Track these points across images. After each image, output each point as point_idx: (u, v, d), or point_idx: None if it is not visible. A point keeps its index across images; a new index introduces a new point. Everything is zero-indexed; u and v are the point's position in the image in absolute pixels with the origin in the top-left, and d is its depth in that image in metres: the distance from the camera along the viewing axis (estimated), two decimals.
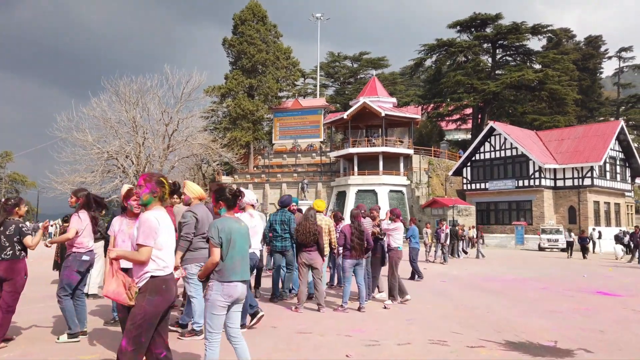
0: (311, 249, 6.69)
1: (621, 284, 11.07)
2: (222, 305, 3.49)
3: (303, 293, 6.81)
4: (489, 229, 35.50)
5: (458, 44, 47.48)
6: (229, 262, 3.53)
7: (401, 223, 7.84)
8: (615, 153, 34.19)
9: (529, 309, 7.16)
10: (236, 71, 51.82)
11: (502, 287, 9.83)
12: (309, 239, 6.61)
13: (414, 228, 11.87)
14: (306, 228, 6.64)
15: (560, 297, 8.57)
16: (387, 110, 40.82)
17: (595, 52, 62.92)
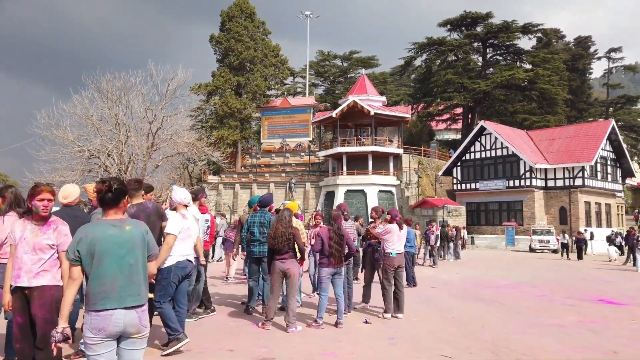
0: (285, 256, 5.83)
1: (622, 290, 10.39)
2: (93, 343, 2.58)
3: (272, 308, 5.93)
4: (480, 229, 34.96)
5: (448, 42, 46.95)
6: (95, 284, 2.63)
7: (395, 225, 6.84)
8: (606, 153, 33.81)
9: (528, 322, 6.40)
10: (223, 68, 50.87)
11: (496, 295, 9.07)
12: (282, 244, 5.75)
13: (408, 230, 10.98)
14: (279, 232, 5.79)
15: (560, 306, 7.83)
16: (377, 109, 40.10)
17: (584, 52, 62.83)
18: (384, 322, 6.38)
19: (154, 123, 34.27)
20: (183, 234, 4.77)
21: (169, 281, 4.73)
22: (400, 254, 6.67)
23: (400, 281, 6.73)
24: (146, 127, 34.14)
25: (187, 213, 4.96)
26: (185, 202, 5.04)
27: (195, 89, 48.04)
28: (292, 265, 5.86)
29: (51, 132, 32.12)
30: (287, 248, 5.81)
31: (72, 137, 32.20)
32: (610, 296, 9.13)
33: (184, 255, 4.83)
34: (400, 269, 6.76)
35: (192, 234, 4.95)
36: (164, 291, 4.73)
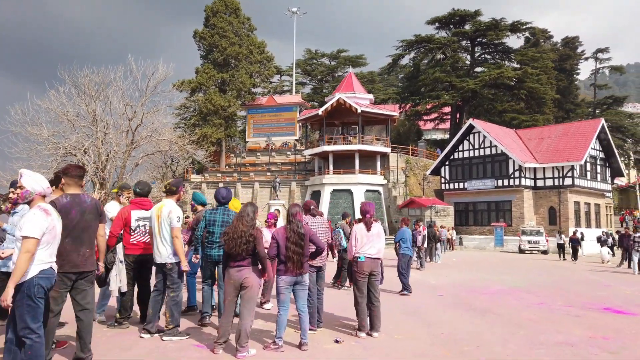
0: (243, 262, 4.76)
1: (626, 297, 9.55)
2: None
3: (225, 329, 4.82)
4: (468, 230, 34.25)
5: (437, 40, 46.29)
6: None
7: (361, 224, 5.79)
8: (596, 152, 33.32)
9: (531, 340, 5.44)
10: (207, 65, 49.60)
11: (490, 303, 8.14)
12: (240, 247, 4.70)
13: (404, 230, 9.81)
14: (238, 231, 4.73)
15: (563, 317, 6.91)
16: (364, 106, 39.22)
17: (572, 53, 62.82)
18: (359, 341, 5.36)
19: (134, 120, 33.07)
20: (48, 235, 3.55)
21: (34, 298, 3.51)
22: (372, 259, 5.57)
23: (375, 292, 5.64)
24: (125, 124, 32.96)
25: (50, 208, 3.71)
26: (44, 192, 3.81)
27: (178, 86, 46.72)
28: (251, 275, 4.77)
29: (25, 129, 30.85)
30: (246, 253, 4.73)
31: (47, 133, 30.92)
32: (615, 304, 8.26)
33: (48, 263, 3.64)
34: (374, 276, 5.63)
35: (58, 233, 3.78)
36: (33, 313, 3.51)
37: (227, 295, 4.80)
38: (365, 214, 5.70)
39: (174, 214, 5.31)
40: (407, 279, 9.31)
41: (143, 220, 5.67)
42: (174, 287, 5.34)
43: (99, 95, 32.02)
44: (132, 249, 5.65)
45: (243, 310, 4.72)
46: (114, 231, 5.52)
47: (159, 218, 5.32)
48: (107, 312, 6.17)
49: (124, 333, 5.34)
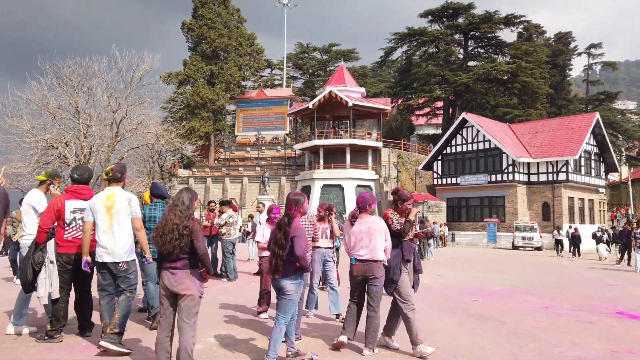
0: (177, 264, 3.76)
1: (635, 298, 8.81)
2: None
3: (163, 348, 3.81)
4: (460, 225, 33.63)
5: (429, 33, 45.53)
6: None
7: (347, 221, 5.00)
8: (590, 147, 32.79)
9: (543, 354, 4.56)
10: (195, 57, 48.49)
11: (490, 307, 7.34)
12: (170, 244, 3.71)
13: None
14: (169, 225, 3.76)
15: (575, 324, 6.13)
16: (355, 100, 38.38)
17: (565, 48, 62.29)
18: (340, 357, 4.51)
19: (118, 112, 32.07)
20: None
21: None
22: (363, 262, 4.66)
23: (372, 302, 4.67)
24: (110, 117, 31.96)
25: None
26: None
27: (165, 78, 45.55)
28: (188, 279, 3.77)
29: (4, 121, 29.78)
30: (180, 251, 3.74)
31: (28, 126, 29.82)
32: (628, 307, 7.50)
33: None
34: (371, 282, 4.66)
35: None
36: None
37: (162, 305, 3.89)
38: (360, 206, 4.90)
39: (135, 202, 4.63)
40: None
41: (80, 212, 4.75)
42: (130, 289, 4.59)
43: (82, 86, 30.99)
44: (66, 247, 4.72)
45: (181, 325, 3.75)
46: (43, 225, 4.60)
47: (110, 209, 4.51)
48: (37, 322, 5.28)
49: (55, 348, 4.46)
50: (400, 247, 4.76)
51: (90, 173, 5.24)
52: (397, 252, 4.75)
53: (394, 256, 4.75)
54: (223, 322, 5.86)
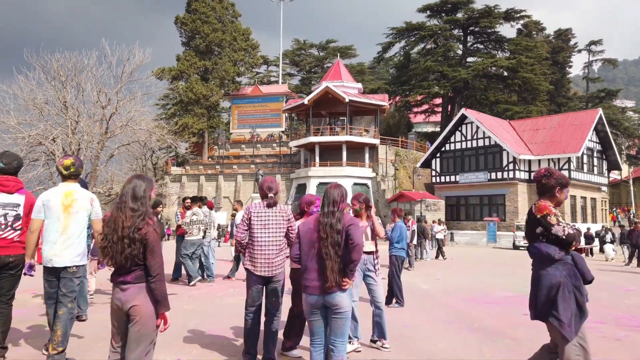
0: (128, 277, 2.83)
1: None
2: None
3: None
4: (460, 225, 32.75)
5: (428, 28, 44.61)
6: None
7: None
8: (593, 144, 31.93)
9: None
10: (189, 52, 47.50)
11: (498, 319, 6.40)
12: (121, 255, 2.81)
13: (398, 225, 7.42)
14: (119, 228, 2.83)
15: (601, 341, 5.22)
16: (352, 96, 37.44)
17: (564, 45, 61.47)
18: None
19: (108, 108, 31.14)
20: None
21: None
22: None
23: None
24: (99, 113, 31.06)
25: None
26: None
27: (157, 73, 44.56)
28: (140, 298, 2.83)
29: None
30: (132, 263, 2.82)
31: (14, 121, 28.86)
32: None
33: None
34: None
35: None
36: None
37: (112, 328, 2.97)
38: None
39: (97, 202, 4.09)
40: (399, 288, 7.30)
41: (4, 207, 3.89)
42: (71, 297, 3.89)
43: (71, 81, 30.10)
44: None
45: (129, 356, 2.81)
46: None
47: (69, 208, 3.88)
48: None
49: None
50: (570, 262, 3.13)
51: (20, 162, 4.36)
52: (570, 270, 3.11)
53: (564, 277, 3.10)
54: (185, 343, 4.91)
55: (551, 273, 3.07)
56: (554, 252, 3.08)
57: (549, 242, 3.11)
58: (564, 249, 3.09)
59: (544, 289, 3.10)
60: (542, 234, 3.16)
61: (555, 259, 3.10)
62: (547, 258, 3.10)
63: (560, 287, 2.99)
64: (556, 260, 3.10)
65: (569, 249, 3.10)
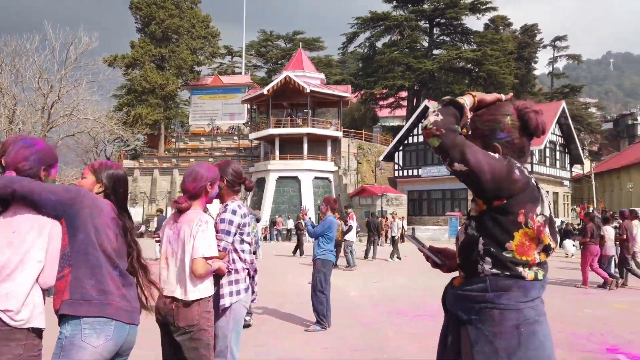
0: None
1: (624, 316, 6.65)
2: None
3: None
4: (422, 220, 31.74)
5: (393, 18, 43.46)
6: None
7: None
8: (556, 137, 31.39)
9: None
10: (144, 39, 44.93)
11: (420, 344, 4.93)
12: None
13: (328, 219, 5.93)
14: None
15: None
16: (314, 86, 35.86)
17: (530, 41, 61.50)
18: None
19: (50, 95, 28.73)
20: None
21: None
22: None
23: None
24: (41, 101, 28.63)
25: None
26: None
27: (110, 61, 41.91)
28: None
29: None
30: None
31: None
32: (621, 337, 5.27)
33: None
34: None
35: None
36: None
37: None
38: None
39: None
40: (328, 307, 5.63)
41: None
42: None
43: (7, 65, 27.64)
44: None
45: None
46: None
47: None
48: None
49: None
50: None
51: None
52: None
53: None
54: None
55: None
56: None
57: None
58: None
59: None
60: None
61: None
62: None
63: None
64: None
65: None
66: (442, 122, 1.54)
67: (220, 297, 2.49)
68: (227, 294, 2.53)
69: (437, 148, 1.57)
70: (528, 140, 1.75)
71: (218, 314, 2.47)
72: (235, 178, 2.84)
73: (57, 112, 29.42)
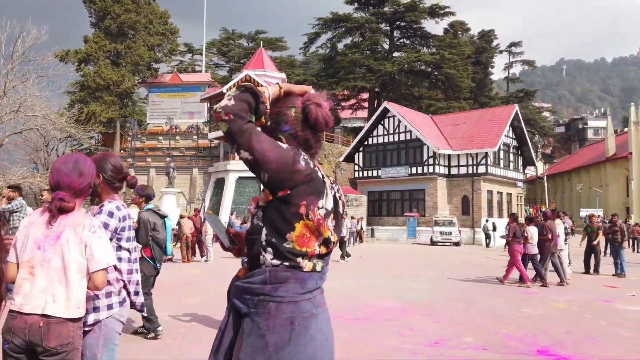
0: None
1: (562, 316, 6.77)
2: None
3: None
4: (381, 220, 31.97)
5: (354, 19, 43.72)
6: None
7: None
8: (509, 140, 32.32)
9: None
10: (98, 33, 43.30)
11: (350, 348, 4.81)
12: None
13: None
14: None
15: None
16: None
17: (487, 46, 63.37)
18: None
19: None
20: None
21: None
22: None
23: None
24: None
25: None
26: None
27: (61, 55, 40.14)
28: None
29: None
30: None
31: None
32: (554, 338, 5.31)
33: None
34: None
35: None
36: None
37: None
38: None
39: None
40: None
41: None
42: None
43: None
44: None
45: None
46: None
47: None
48: None
49: None
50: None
51: None
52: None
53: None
54: None
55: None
56: None
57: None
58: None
59: None
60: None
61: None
62: None
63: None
64: None
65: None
66: (232, 108, 1.52)
67: (90, 311, 2.23)
68: (98, 308, 2.28)
69: (226, 133, 1.56)
70: (312, 133, 1.70)
71: (85, 330, 2.20)
72: (114, 174, 2.56)
73: (2, 108, 27.92)
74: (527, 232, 9.99)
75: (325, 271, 1.69)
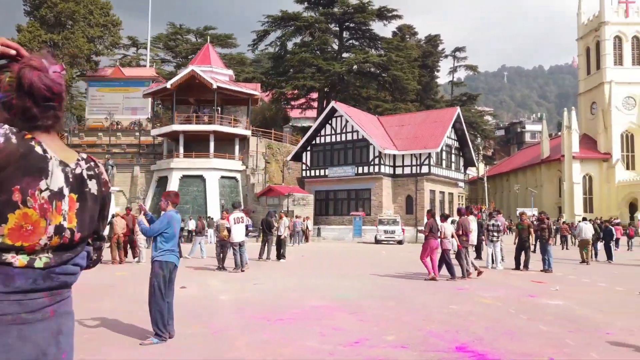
0: None
1: (486, 311, 6.91)
2: None
3: None
4: (328, 220, 32.07)
5: (304, 18, 43.66)
6: None
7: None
8: (451, 141, 33.39)
9: None
10: (33, 22, 40.72)
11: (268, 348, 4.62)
12: None
13: (167, 215, 5.17)
14: None
15: None
16: (221, 82, 34.72)
17: (434, 50, 65.27)
18: None
19: None
20: None
21: None
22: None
23: None
24: None
25: None
26: None
27: None
28: None
29: None
30: None
31: None
32: (474, 334, 5.38)
33: None
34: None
35: None
36: None
37: None
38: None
39: None
40: (170, 316, 4.99)
41: None
42: None
43: None
44: None
45: None
46: None
47: None
48: None
49: None
50: None
51: None
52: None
53: None
54: None
55: None
56: None
57: None
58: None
59: None
60: None
61: None
62: None
63: None
64: None
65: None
66: None
67: None
68: None
69: None
70: (33, 101, 1.38)
71: None
72: None
73: None
74: (442, 228, 10.36)
75: (61, 270, 1.37)
